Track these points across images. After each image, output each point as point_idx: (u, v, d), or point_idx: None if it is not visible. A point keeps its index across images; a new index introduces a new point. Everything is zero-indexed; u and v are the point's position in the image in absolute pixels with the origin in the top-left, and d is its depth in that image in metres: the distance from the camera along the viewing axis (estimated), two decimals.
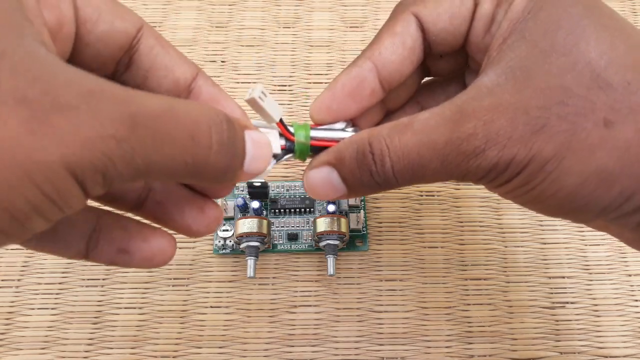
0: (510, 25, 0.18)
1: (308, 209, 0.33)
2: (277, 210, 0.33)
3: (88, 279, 0.32)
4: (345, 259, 0.33)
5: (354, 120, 0.22)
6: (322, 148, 0.21)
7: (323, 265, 0.32)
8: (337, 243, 0.31)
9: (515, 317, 0.31)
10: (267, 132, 0.20)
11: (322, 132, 0.21)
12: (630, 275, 0.32)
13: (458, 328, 0.31)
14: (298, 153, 0.21)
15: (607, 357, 0.30)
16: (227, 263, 0.33)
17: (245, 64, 0.39)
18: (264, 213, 0.33)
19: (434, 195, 0.35)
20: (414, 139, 0.18)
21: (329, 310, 0.31)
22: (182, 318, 0.31)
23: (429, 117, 0.18)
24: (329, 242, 0.31)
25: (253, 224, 0.30)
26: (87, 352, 0.30)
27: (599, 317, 0.31)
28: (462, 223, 0.34)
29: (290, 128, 0.21)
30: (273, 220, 0.33)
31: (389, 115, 0.24)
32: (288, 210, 0.33)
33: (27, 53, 0.14)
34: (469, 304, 0.32)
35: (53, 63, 0.14)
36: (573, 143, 0.17)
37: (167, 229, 0.20)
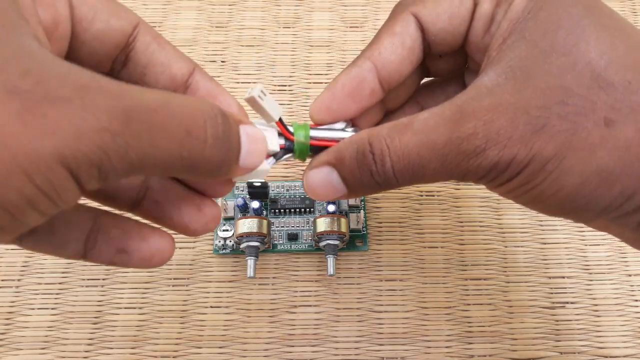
0: (510, 25, 0.18)
1: (308, 209, 0.33)
2: (277, 210, 0.33)
3: (88, 279, 0.32)
4: (345, 259, 0.33)
5: (354, 121, 0.22)
6: (321, 148, 0.21)
7: (323, 265, 0.32)
8: (337, 243, 0.31)
9: (515, 317, 0.31)
10: (266, 131, 0.20)
11: (321, 132, 0.21)
12: (630, 275, 0.32)
13: (458, 328, 0.31)
14: (298, 153, 0.21)
15: (607, 357, 0.30)
16: (227, 263, 0.33)
17: (245, 64, 0.39)
18: (264, 213, 0.33)
19: (434, 195, 0.35)
20: (414, 139, 0.18)
21: (329, 310, 0.31)
22: (182, 318, 0.31)
23: (429, 117, 0.18)
24: (329, 242, 0.31)
25: (253, 224, 0.30)
26: (87, 352, 0.30)
27: (599, 317, 0.31)
28: (462, 223, 0.34)
29: (290, 128, 0.21)
30: (273, 220, 0.33)
31: (389, 115, 0.24)
32: (288, 210, 0.33)
33: (19, 47, 0.14)
34: (469, 304, 0.32)
35: (46, 57, 0.14)
36: (574, 143, 0.17)
37: (165, 229, 0.20)
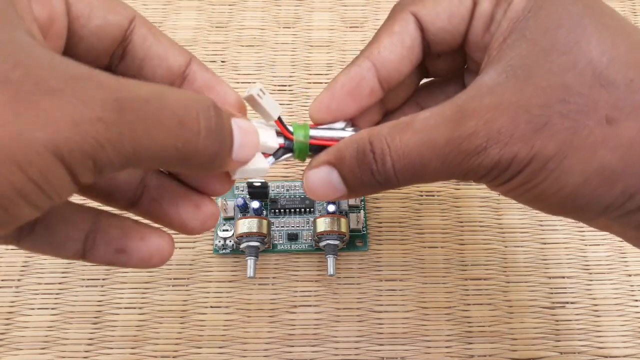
0: (511, 25, 0.18)
1: (308, 209, 0.33)
2: (277, 210, 0.33)
3: (88, 279, 0.32)
4: (345, 259, 0.33)
5: (354, 121, 0.22)
6: (321, 148, 0.21)
7: (323, 265, 0.32)
8: (337, 243, 0.31)
9: (515, 317, 0.31)
10: (265, 130, 0.20)
11: (321, 131, 0.21)
12: (630, 275, 0.32)
13: (458, 328, 0.31)
14: (297, 152, 0.21)
15: (607, 357, 0.30)
16: (227, 263, 0.33)
17: (245, 64, 0.39)
18: (264, 213, 0.33)
19: (434, 195, 0.35)
20: (415, 138, 0.18)
21: (329, 310, 0.31)
22: (182, 318, 0.31)
23: (429, 116, 0.18)
24: (329, 242, 0.31)
25: (253, 224, 0.30)
26: (87, 352, 0.30)
27: (599, 317, 0.31)
28: (462, 223, 0.34)
29: (290, 127, 0.21)
30: (273, 220, 0.33)
31: (388, 116, 0.24)
32: (288, 210, 0.33)
33: (10, 40, 0.14)
34: (469, 304, 0.32)
35: (38, 50, 0.14)
36: (575, 141, 0.17)
37: (164, 228, 0.20)
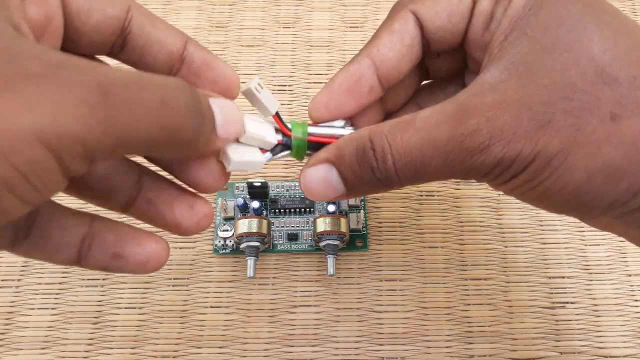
0: (511, 23, 0.18)
1: (308, 209, 0.33)
2: (277, 210, 0.33)
3: (88, 279, 0.32)
4: (345, 259, 0.33)
5: (353, 120, 0.22)
6: (319, 147, 0.20)
7: (323, 265, 0.32)
8: (337, 243, 0.31)
9: (515, 317, 0.31)
10: (263, 125, 0.20)
11: (320, 129, 0.21)
12: (630, 275, 0.32)
13: (458, 328, 0.31)
14: (295, 149, 0.20)
15: (607, 357, 0.30)
16: (227, 263, 0.33)
17: (245, 64, 0.39)
18: (264, 213, 0.33)
19: (434, 195, 0.35)
20: (416, 137, 0.18)
21: (329, 310, 0.31)
22: (182, 318, 0.31)
23: (431, 114, 0.18)
24: (329, 242, 0.31)
25: (253, 224, 0.30)
26: (87, 352, 0.30)
27: (599, 317, 0.31)
28: (462, 223, 0.34)
29: (288, 124, 0.20)
30: (273, 220, 0.33)
31: (389, 117, 0.24)
32: (288, 210, 0.33)
33: None
34: (469, 304, 0.32)
35: (19, 39, 0.14)
36: (579, 138, 0.17)
37: (159, 229, 0.20)
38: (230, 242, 0.32)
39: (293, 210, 0.33)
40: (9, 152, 0.12)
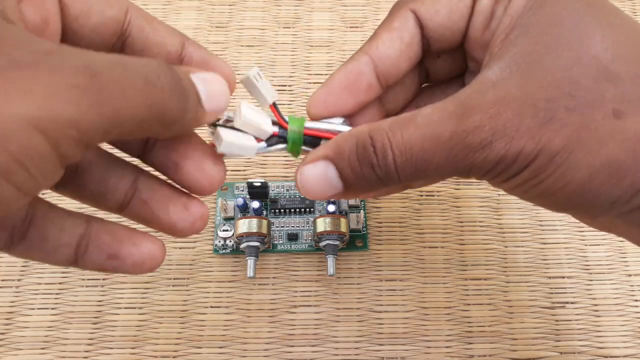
0: (513, 21, 0.18)
1: (308, 209, 0.33)
2: (277, 210, 0.33)
3: (88, 279, 0.32)
4: (345, 259, 0.33)
5: (352, 120, 0.22)
6: (316, 144, 0.20)
7: (323, 265, 0.32)
8: (337, 243, 0.31)
9: (515, 317, 0.31)
10: (260, 114, 0.20)
11: (318, 124, 0.21)
12: (630, 275, 0.32)
13: (458, 328, 0.31)
14: (291, 142, 0.20)
15: (607, 357, 0.30)
16: (227, 263, 0.33)
17: (245, 64, 0.39)
18: (264, 213, 0.33)
19: (434, 195, 0.35)
20: (417, 133, 0.18)
21: (329, 310, 0.31)
22: (182, 318, 0.31)
23: (432, 112, 0.18)
24: (329, 242, 0.31)
25: (253, 224, 0.30)
26: (87, 352, 0.30)
27: (599, 317, 0.31)
28: (462, 223, 0.34)
29: (286, 117, 0.20)
30: (273, 220, 0.33)
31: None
32: (288, 210, 0.33)
33: None
34: (469, 304, 0.32)
35: (8, 28, 0.14)
36: (582, 135, 0.16)
37: (155, 233, 0.20)
38: (230, 242, 0.32)
39: (293, 210, 0.33)
40: (6, 139, 0.12)
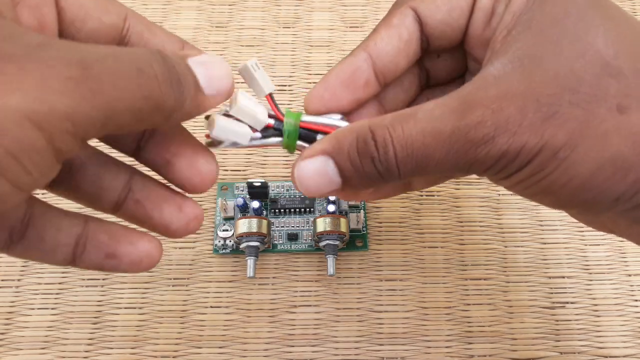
0: (514, 18, 0.18)
1: (308, 209, 0.33)
2: (277, 210, 0.33)
3: (88, 279, 0.32)
4: (345, 259, 0.33)
5: (350, 118, 0.22)
6: (312, 140, 0.20)
7: (323, 265, 0.32)
8: (337, 243, 0.31)
9: (515, 317, 0.31)
10: (257, 106, 0.20)
11: (315, 118, 0.21)
12: (630, 275, 0.32)
13: (458, 328, 0.31)
14: (287, 135, 0.20)
15: (607, 357, 0.30)
16: (227, 263, 0.33)
17: None
18: (264, 213, 0.33)
19: (434, 195, 0.35)
20: (418, 128, 0.18)
21: (329, 310, 0.31)
22: (182, 318, 0.31)
23: (434, 107, 0.18)
24: (329, 242, 0.31)
25: (253, 224, 0.30)
26: (87, 352, 0.30)
27: (599, 317, 0.31)
28: (462, 223, 0.34)
29: (282, 110, 0.20)
30: (273, 220, 0.33)
31: None
32: (288, 210, 0.33)
33: None
34: (469, 304, 0.32)
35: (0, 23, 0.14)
36: (586, 130, 0.16)
37: (151, 233, 0.20)
38: (230, 242, 0.32)
39: (293, 210, 0.33)
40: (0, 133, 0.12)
